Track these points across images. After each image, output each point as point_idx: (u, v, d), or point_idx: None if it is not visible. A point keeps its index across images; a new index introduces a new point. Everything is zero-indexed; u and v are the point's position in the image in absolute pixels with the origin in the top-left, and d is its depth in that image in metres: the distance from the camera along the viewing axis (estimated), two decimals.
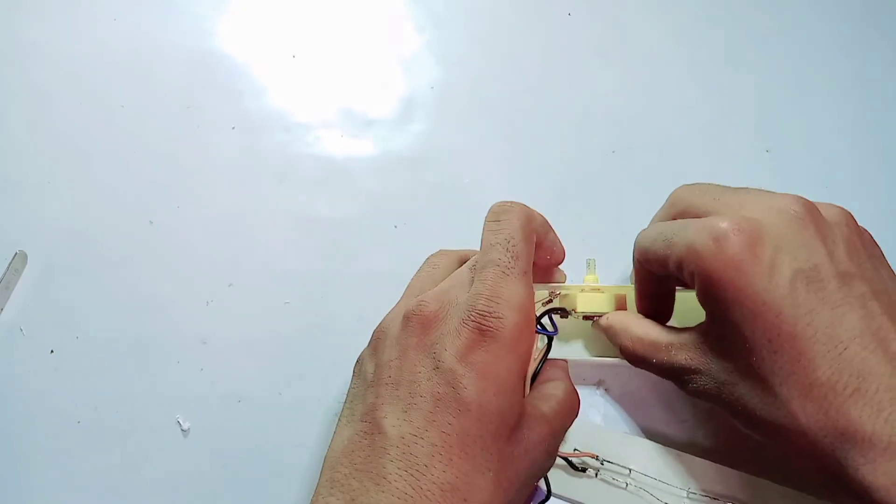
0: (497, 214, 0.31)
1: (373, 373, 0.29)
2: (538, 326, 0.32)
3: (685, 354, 0.29)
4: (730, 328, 0.27)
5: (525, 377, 0.29)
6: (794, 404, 0.25)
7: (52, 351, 0.39)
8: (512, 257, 0.29)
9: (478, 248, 0.31)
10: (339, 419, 0.29)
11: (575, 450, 0.34)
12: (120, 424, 0.37)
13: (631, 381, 0.37)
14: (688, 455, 0.35)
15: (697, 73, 0.46)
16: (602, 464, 0.34)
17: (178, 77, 0.45)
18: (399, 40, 0.47)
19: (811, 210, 0.28)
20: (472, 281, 0.29)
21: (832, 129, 0.45)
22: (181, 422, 0.37)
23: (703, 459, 0.34)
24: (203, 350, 0.39)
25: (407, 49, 0.46)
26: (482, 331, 0.27)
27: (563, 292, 0.35)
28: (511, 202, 0.31)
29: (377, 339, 0.31)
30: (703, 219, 0.28)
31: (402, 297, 0.33)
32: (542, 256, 0.33)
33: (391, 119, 0.45)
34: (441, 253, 0.36)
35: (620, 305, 0.35)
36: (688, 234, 0.28)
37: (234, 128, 0.44)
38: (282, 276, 0.41)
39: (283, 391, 0.38)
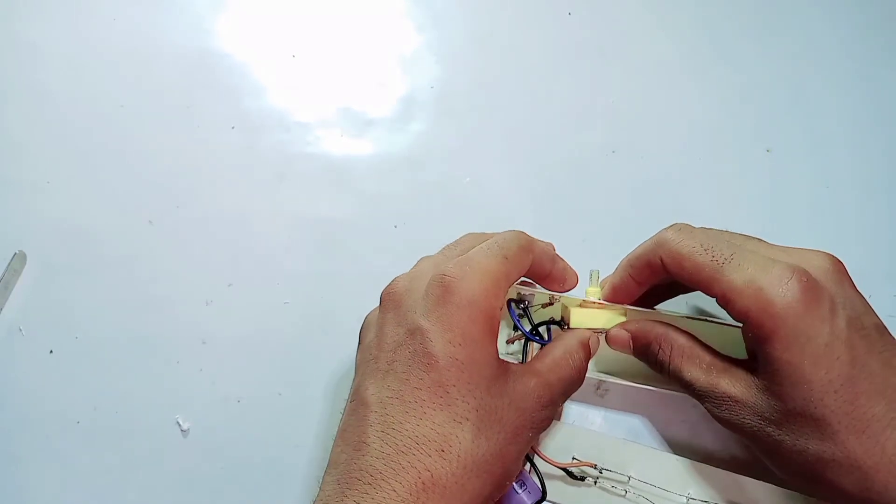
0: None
1: (358, 359, 0.31)
2: (534, 334, 0.33)
3: (727, 380, 0.30)
4: (786, 367, 0.28)
5: (496, 338, 0.29)
6: (851, 440, 0.27)
7: (51, 351, 0.39)
8: (497, 246, 0.30)
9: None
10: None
11: (573, 458, 0.34)
12: (119, 425, 0.37)
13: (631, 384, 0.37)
14: (687, 460, 0.34)
15: (697, 73, 0.46)
16: (601, 472, 0.33)
17: (178, 77, 0.45)
18: (399, 40, 0.47)
19: (842, 266, 0.30)
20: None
21: (832, 128, 0.45)
22: (181, 422, 0.37)
23: (702, 464, 0.34)
24: (203, 350, 0.39)
25: (406, 48, 0.46)
26: (444, 285, 0.28)
27: (562, 301, 0.35)
28: (514, 230, 0.32)
29: (362, 330, 0.32)
30: (762, 257, 0.29)
31: None
32: (555, 286, 0.34)
33: (391, 118, 0.45)
34: (468, 235, 0.36)
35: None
36: (749, 271, 0.28)
37: (233, 127, 0.44)
38: (282, 276, 0.41)
39: (283, 391, 0.38)
